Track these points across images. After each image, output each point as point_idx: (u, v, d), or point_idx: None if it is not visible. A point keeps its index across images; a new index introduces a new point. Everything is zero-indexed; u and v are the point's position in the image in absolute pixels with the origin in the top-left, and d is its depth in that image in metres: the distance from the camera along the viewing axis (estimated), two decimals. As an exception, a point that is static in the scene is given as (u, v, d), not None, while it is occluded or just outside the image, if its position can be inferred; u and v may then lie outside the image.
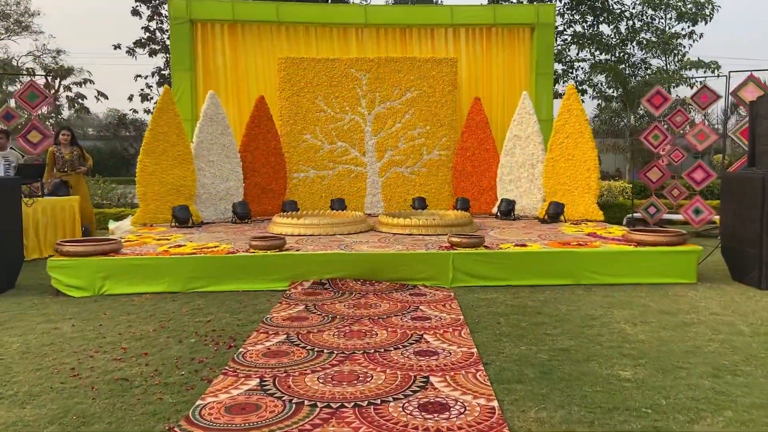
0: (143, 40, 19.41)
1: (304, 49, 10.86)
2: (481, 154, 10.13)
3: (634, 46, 20.18)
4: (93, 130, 38.19)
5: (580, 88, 19.85)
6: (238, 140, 9.75)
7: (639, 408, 3.10)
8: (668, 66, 21.19)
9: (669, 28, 20.45)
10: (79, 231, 8.31)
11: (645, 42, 19.88)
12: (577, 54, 20.35)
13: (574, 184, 8.92)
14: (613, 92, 21.30)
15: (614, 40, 19.99)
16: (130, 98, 20.48)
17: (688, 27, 19.84)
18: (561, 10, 19.31)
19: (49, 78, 24.60)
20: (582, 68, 20.69)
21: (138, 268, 5.88)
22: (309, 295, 5.65)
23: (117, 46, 19.63)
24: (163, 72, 19.67)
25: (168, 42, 15.77)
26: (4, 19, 28.91)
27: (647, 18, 20.20)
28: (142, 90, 19.99)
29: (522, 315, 4.94)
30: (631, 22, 19.88)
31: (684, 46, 20.22)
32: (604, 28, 19.95)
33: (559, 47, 19.36)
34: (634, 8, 19.90)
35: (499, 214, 9.30)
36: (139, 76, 20.12)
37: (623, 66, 20.12)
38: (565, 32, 19.87)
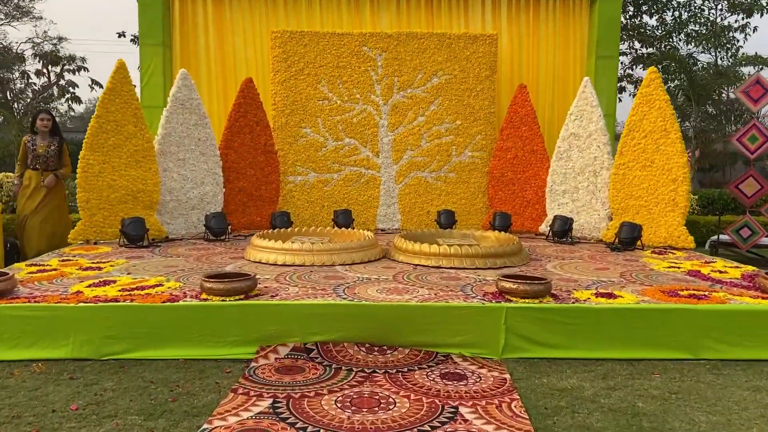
0: None
1: (305, 21, 8.92)
2: (525, 156, 8.06)
3: (680, 39, 18.45)
4: None
5: (618, 84, 17.98)
6: (218, 134, 7.80)
7: None
8: (719, 61, 19.43)
9: (720, 20, 18.86)
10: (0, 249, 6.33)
11: (695, 34, 18.13)
12: (617, 47, 18.58)
13: (654, 198, 6.79)
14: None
15: (659, 31, 18.27)
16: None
17: (742, 19, 18.35)
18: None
19: (41, 65, 22.90)
20: (622, 62, 18.90)
21: (28, 321, 3.88)
22: (285, 372, 3.62)
23: (121, 34, 17.90)
24: None
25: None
26: (5, 4, 27.42)
27: (695, 8, 18.50)
28: None
29: (641, 439, 2.86)
30: (677, 13, 18.09)
31: (737, 40, 18.62)
32: (647, 19, 18.25)
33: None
34: (681, -3, 18.18)
35: (551, 234, 7.21)
36: None
37: (667, 62, 18.34)
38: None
